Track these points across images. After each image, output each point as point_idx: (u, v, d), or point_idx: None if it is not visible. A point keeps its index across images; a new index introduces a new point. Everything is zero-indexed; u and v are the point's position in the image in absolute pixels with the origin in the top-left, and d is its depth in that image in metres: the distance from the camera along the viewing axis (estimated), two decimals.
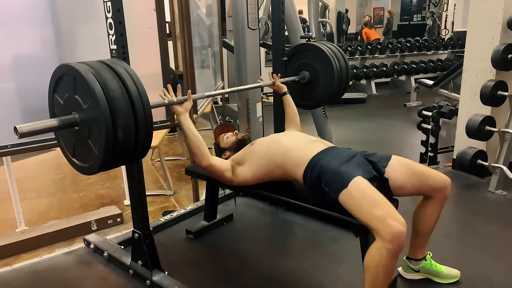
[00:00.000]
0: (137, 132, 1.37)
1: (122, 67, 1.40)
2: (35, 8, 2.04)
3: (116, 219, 2.83)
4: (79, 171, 1.50)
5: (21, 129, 1.26)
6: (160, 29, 2.35)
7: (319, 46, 2.41)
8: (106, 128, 1.28)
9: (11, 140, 2.03)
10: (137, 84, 1.38)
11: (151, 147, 3.37)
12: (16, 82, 2.07)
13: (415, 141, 4.00)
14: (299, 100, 2.55)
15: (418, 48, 8.52)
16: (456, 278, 1.89)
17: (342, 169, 1.60)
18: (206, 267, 2.14)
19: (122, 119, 1.31)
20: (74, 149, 1.48)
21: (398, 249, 1.38)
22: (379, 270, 1.41)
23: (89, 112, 1.33)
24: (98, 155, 1.34)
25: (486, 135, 3.00)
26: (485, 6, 3.07)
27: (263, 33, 5.08)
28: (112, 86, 1.32)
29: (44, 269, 2.12)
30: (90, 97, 1.30)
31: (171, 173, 3.78)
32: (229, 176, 1.89)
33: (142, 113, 1.37)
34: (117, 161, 1.42)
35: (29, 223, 2.86)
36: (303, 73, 2.48)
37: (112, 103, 1.29)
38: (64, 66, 1.39)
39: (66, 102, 1.42)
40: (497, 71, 3.01)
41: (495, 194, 2.93)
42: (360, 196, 1.49)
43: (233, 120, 5.47)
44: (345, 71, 2.42)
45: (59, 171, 4.13)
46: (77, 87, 1.35)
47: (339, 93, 2.48)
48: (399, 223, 1.38)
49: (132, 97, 1.35)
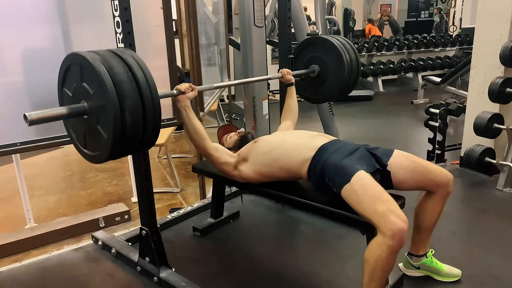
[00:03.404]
0: (145, 116, 1.36)
1: (129, 54, 1.40)
2: (44, 6, 2.06)
3: (123, 216, 2.86)
4: (91, 161, 1.50)
5: (31, 117, 1.28)
6: (167, 27, 2.36)
7: (329, 39, 2.39)
8: (114, 110, 1.28)
9: (20, 138, 2.06)
10: (143, 69, 1.38)
11: (158, 145, 3.42)
12: (24, 81, 2.08)
13: (422, 138, 3.98)
14: (309, 94, 2.54)
15: (426, 45, 8.45)
16: (456, 277, 1.88)
17: (345, 163, 1.59)
18: (213, 264, 2.15)
19: (129, 102, 1.31)
20: (85, 140, 1.48)
21: (399, 245, 1.38)
22: (378, 265, 1.42)
23: (97, 97, 1.33)
24: (107, 140, 1.34)
25: (494, 133, 2.97)
26: (493, 2, 3.04)
27: (270, 31, 5.08)
28: (118, 70, 1.32)
29: (53, 265, 2.15)
30: (96, 81, 1.30)
31: (178, 171, 3.80)
32: (227, 169, 1.91)
33: (150, 97, 1.36)
34: (127, 147, 1.40)
35: (38, 220, 2.89)
36: (313, 66, 2.45)
37: (118, 86, 1.29)
38: (70, 55, 1.40)
39: (75, 93, 1.43)
40: (505, 68, 2.98)
41: (503, 192, 2.90)
42: (362, 191, 1.49)
43: (239, 118, 5.49)
44: (356, 63, 2.38)
45: (67, 169, 4.17)
46: (84, 74, 1.36)
47: (350, 87, 2.43)
48: (400, 219, 1.38)
49: (138, 80, 1.34)
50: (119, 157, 1.46)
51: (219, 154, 1.90)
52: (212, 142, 1.89)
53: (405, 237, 1.38)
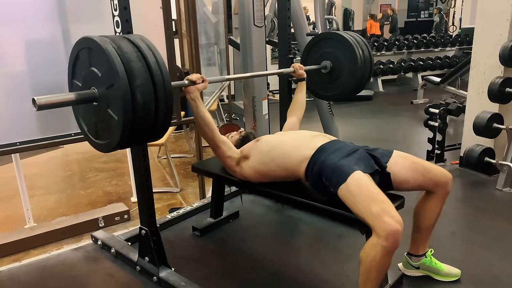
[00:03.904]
0: (156, 98, 1.32)
1: (137, 37, 1.39)
2: (44, 6, 2.06)
3: (123, 216, 2.86)
4: (102, 150, 1.46)
5: (39, 101, 1.24)
6: (166, 27, 2.36)
7: (341, 34, 2.36)
8: (123, 88, 1.24)
9: (20, 138, 2.06)
10: (152, 50, 1.35)
11: (157, 145, 3.42)
12: (24, 81, 2.09)
13: (422, 138, 3.98)
14: (321, 91, 2.53)
15: (425, 45, 8.46)
16: (456, 277, 1.88)
17: (342, 164, 1.59)
18: (213, 263, 2.15)
19: (139, 81, 1.28)
20: (96, 129, 1.45)
21: (393, 246, 1.37)
22: (372, 265, 1.42)
23: (105, 78, 1.30)
24: (118, 122, 1.29)
25: (494, 133, 2.98)
26: (493, 2, 3.04)
27: (269, 31, 5.07)
28: (126, 49, 1.29)
29: (53, 265, 2.15)
30: (104, 61, 1.27)
31: (178, 171, 3.80)
32: (230, 163, 1.94)
33: (160, 78, 1.32)
34: (139, 131, 1.35)
35: (38, 220, 2.89)
36: (325, 62, 2.42)
37: (127, 64, 1.26)
38: (79, 41, 1.38)
39: (84, 82, 1.41)
40: (505, 68, 2.99)
41: (503, 191, 2.91)
42: (358, 191, 1.49)
43: (239, 118, 5.49)
44: (369, 58, 2.35)
45: (67, 168, 4.18)
46: (92, 57, 1.34)
47: (363, 83, 2.40)
48: (394, 220, 1.37)
49: (148, 60, 1.31)
50: (130, 144, 1.39)
51: (226, 147, 1.92)
52: (221, 137, 1.91)
53: (400, 238, 1.37)
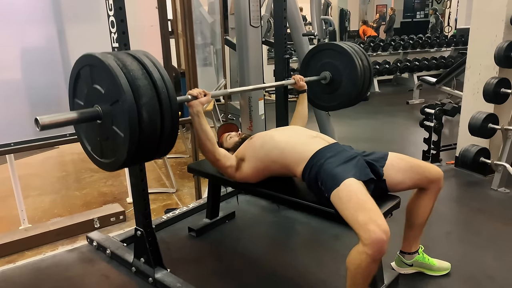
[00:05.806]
0: (162, 114, 1.30)
1: (141, 53, 1.36)
2: (39, 6, 2.05)
3: (118, 217, 2.84)
4: (108, 169, 1.42)
5: (43, 121, 1.19)
6: (162, 27, 2.36)
7: (340, 44, 2.37)
8: (128, 104, 1.21)
9: (14, 138, 2.05)
10: (158, 67, 1.33)
11: None
12: (19, 81, 2.08)
13: (417, 138, 3.99)
14: (321, 101, 2.53)
15: (421, 45, 8.49)
16: (447, 270, 1.94)
17: (338, 170, 1.60)
18: (209, 264, 2.15)
19: (145, 99, 1.24)
20: (101, 147, 1.40)
21: (378, 255, 1.38)
22: (358, 272, 1.43)
23: (110, 94, 1.26)
24: (124, 139, 1.26)
25: (489, 133, 2.99)
26: (488, 3, 3.05)
27: (265, 31, 5.06)
28: (132, 67, 1.26)
29: (48, 266, 2.13)
30: (108, 77, 1.24)
31: (174, 171, 3.79)
32: (231, 172, 1.92)
33: (166, 95, 1.30)
34: (145, 148, 1.32)
35: (33, 221, 2.87)
36: (324, 73, 2.43)
37: (132, 82, 1.23)
38: (80, 59, 1.35)
39: (87, 100, 1.37)
40: (500, 68, 3.00)
41: (498, 191, 2.92)
42: (347, 198, 1.50)
43: (235, 118, 5.48)
44: (368, 68, 2.37)
45: (62, 169, 4.15)
46: (95, 74, 1.30)
47: (363, 92, 2.42)
48: (380, 229, 1.37)
49: (153, 78, 1.28)
50: (136, 161, 1.35)
51: (225, 159, 1.90)
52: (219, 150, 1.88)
53: (385, 247, 1.37)
